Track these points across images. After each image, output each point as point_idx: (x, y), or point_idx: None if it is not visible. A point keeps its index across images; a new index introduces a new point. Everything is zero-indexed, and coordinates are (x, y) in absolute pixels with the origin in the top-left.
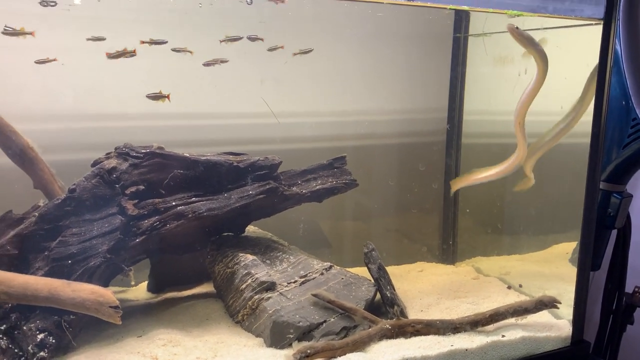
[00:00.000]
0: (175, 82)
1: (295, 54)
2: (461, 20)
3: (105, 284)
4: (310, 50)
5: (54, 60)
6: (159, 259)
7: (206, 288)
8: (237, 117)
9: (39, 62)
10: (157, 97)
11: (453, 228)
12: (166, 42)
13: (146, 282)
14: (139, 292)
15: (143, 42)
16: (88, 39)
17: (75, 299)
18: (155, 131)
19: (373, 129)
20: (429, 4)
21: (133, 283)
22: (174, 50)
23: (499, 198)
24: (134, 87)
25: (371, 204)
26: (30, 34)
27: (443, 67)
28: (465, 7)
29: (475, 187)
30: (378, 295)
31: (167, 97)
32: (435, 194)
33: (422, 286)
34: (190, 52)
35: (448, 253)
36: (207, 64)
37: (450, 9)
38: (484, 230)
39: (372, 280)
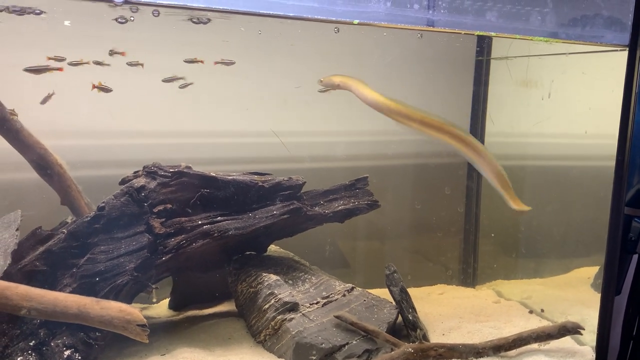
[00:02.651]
0: (198, 100)
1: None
2: (483, 43)
3: (129, 301)
4: (233, 62)
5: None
6: (181, 276)
7: (227, 307)
8: (262, 136)
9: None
10: None
11: (474, 250)
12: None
13: (167, 299)
14: (161, 309)
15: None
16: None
17: (103, 317)
18: (179, 148)
19: (394, 149)
20: (456, 31)
21: (155, 300)
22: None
23: (521, 221)
24: (157, 105)
25: (390, 225)
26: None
27: (465, 89)
28: (492, 34)
29: (497, 210)
30: (399, 318)
31: None
32: (457, 215)
33: (443, 309)
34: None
35: (469, 276)
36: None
37: (476, 34)
38: (505, 253)
39: (394, 303)
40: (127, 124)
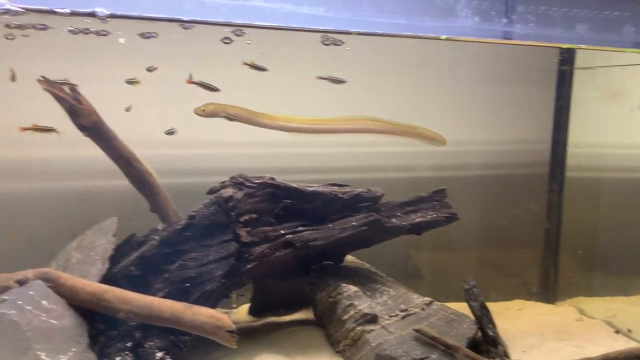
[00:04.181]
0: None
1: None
2: (567, 53)
3: (214, 306)
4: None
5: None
6: (261, 283)
7: (304, 315)
8: (335, 146)
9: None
10: None
11: (554, 265)
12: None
13: (247, 305)
14: (240, 314)
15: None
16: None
17: (195, 322)
18: (256, 158)
19: (470, 160)
20: (546, 44)
21: (235, 305)
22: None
23: (605, 235)
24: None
25: (464, 237)
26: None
27: (546, 99)
28: (582, 46)
29: (579, 224)
30: (478, 333)
31: None
32: (536, 228)
33: (523, 325)
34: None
35: (548, 291)
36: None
37: (566, 47)
38: (587, 268)
39: (473, 318)
40: (209, 134)
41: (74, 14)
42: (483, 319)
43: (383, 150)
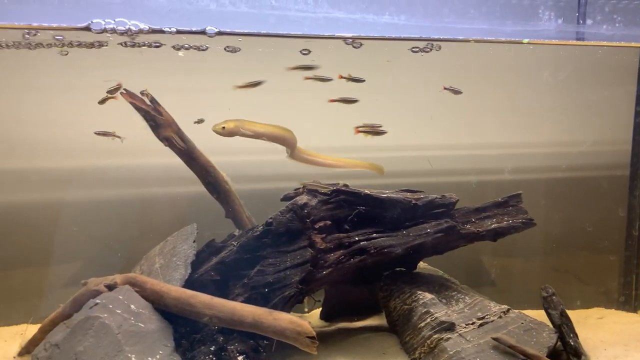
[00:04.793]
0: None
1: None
2: None
3: (289, 311)
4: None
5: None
6: (333, 289)
7: (376, 321)
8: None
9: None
10: None
11: (636, 272)
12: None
13: (318, 310)
14: (312, 319)
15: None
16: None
17: (276, 327)
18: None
19: (543, 162)
20: (631, 44)
21: (306, 310)
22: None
23: None
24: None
25: (537, 242)
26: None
27: (626, 99)
28: None
29: None
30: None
31: None
32: (615, 232)
33: (604, 335)
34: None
35: (630, 299)
36: None
37: None
38: None
39: (552, 326)
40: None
41: (179, 32)
42: (564, 327)
43: (460, 153)
